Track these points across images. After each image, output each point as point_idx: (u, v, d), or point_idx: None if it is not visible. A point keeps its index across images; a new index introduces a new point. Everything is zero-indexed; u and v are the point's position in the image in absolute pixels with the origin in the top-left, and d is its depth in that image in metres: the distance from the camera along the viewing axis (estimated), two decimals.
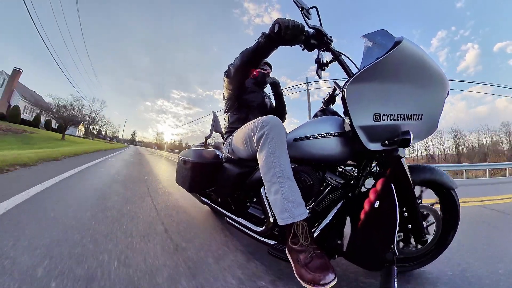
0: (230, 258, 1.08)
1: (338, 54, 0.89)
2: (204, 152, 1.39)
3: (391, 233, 0.68)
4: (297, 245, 0.80)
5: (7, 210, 1.43)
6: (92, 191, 2.18)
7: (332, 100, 1.29)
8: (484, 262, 1.17)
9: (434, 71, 0.79)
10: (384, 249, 0.68)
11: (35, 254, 0.94)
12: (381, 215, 0.72)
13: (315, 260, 0.75)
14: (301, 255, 0.78)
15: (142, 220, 1.48)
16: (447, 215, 0.93)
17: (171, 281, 0.85)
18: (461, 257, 1.21)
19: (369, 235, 0.75)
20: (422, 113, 0.80)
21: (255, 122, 1.01)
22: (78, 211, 1.53)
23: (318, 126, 0.96)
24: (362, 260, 0.78)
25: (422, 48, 0.75)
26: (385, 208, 0.72)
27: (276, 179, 0.87)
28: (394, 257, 0.65)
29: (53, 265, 0.87)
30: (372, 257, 0.73)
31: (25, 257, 0.90)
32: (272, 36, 0.88)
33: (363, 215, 0.77)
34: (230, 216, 1.20)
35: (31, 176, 2.79)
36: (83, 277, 0.81)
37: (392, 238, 0.68)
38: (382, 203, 0.73)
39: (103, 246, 1.06)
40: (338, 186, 0.94)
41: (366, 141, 0.80)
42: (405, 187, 0.80)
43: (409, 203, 0.83)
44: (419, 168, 0.91)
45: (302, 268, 0.75)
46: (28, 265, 0.86)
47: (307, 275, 0.72)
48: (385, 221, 0.71)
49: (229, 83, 1.26)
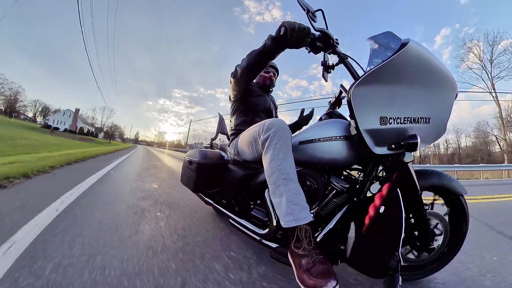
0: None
1: (344, 57, 0.88)
2: (209, 153, 1.40)
3: (396, 239, 0.66)
4: (300, 249, 0.79)
5: (114, 166, 4.65)
6: (140, 159, 8.16)
7: (338, 103, 1.28)
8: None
9: (441, 73, 0.77)
10: (389, 256, 0.65)
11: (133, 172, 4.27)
12: (386, 220, 0.70)
13: (317, 265, 0.73)
14: (303, 260, 0.76)
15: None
16: (456, 222, 0.89)
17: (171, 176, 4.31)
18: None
19: (373, 241, 0.73)
20: (429, 116, 0.78)
21: (261, 125, 1.01)
22: (137, 165, 5.70)
23: (324, 129, 0.95)
24: (366, 266, 0.75)
25: (429, 50, 0.73)
26: (390, 214, 0.69)
27: (281, 182, 0.86)
28: (398, 265, 0.63)
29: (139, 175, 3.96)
30: (376, 264, 0.71)
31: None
32: (278, 39, 0.88)
33: (367, 220, 0.75)
34: (233, 217, 1.20)
35: (114, 157, 7.38)
36: (148, 189, 2.73)
37: (397, 244, 0.66)
38: (387, 208, 0.71)
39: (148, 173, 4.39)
40: (343, 191, 0.92)
41: (372, 144, 0.79)
42: (412, 193, 0.78)
43: (416, 209, 0.80)
44: (426, 173, 0.88)
45: (304, 273, 0.73)
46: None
47: (308, 280, 0.71)
48: (390, 227, 0.69)
49: (235, 84, 1.27)
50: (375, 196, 0.79)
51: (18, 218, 1.35)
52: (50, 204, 1.67)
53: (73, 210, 1.60)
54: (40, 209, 1.53)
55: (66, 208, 1.63)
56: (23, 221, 1.30)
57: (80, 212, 1.58)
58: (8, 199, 1.70)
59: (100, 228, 1.33)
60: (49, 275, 0.84)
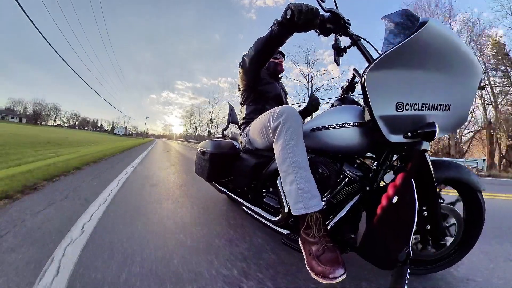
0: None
1: (357, 38, 0.82)
2: (222, 143, 1.43)
3: (408, 232, 0.64)
4: (310, 236, 0.81)
5: (150, 149, 9.92)
6: (162, 144, 19.04)
7: (351, 88, 1.21)
8: None
9: (464, 56, 0.69)
10: (399, 248, 0.64)
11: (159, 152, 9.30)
12: (399, 212, 0.68)
13: (326, 253, 0.75)
14: (313, 247, 0.78)
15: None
16: (471, 218, 0.83)
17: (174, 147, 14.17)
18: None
19: (384, 232, 0.72)
20: (450, 104, 0.72)
21: (271, 112, 1.00)
22: (161, 149, 11.07)
23: (337, 116, 0.92)
24: (375, 257, 0.75)
25: (451, 30, 0.65)
26: (403, 205, 0.67)
27: (292, 170, 0.86)
28: (408, 258, 0.62)
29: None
30: (385, 255, 0.70)
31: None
32: (285, 23, 0.84)
33: (379, 211, 0.74)
34: (246, 205, 1.24)
35: (149, 145, 15.35)
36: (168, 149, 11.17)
37: (408, 237, 0.64)
38: (400, 199, 0.69)
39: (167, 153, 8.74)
40: (356, 179, 0.91)
41: (387, 132, 0.75)
42: (427, 184, 0.74)
43: (430, 202, 0.76)
44: (444, 164, 0.82)
45: (314, 260, 0.75)
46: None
47: (317, 267, 0.73)
48: (402, 218, 0.67)
49: (244, 73, 1.25)
50: (388, 185, 0.76)
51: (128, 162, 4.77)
52: (136, 158, 5.41)
53: (144, 159, 5.43)
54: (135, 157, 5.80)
55: (142, 159, 5.39)
56: (131, 160, 4.88)
57: (147, 158, 5.67)
58: (121, 157, 5.43)
59: (156, 157, 6.30)
60: (148, 165, 4.35)
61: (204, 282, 0.85)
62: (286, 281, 0.89)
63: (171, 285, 0.82)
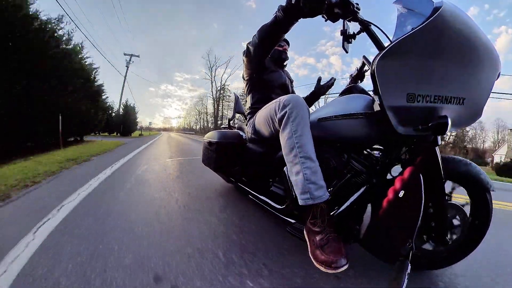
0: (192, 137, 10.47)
1: (367, 24, 0.76)
2: (228, 133, 1.44)
3: (412, 227, 0.64)
4: (315, 226, 0.82)
5: (158, 138, 15.62)
6: (166, 135, 23.50)
7: (360, 77, 1.16)
8: None
9: (483, 46, 0.63)
10: (402, 242, 0.65)
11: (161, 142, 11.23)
12: (405, 206, 0.68)
13: (330, 243, 0.77)
14: (317, 236, 0.80)
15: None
16: (477, 218, 0.79)
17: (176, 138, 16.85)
18: None
19: (388, 225, 0.72)
20: (464, 97, 0.67)
21: (277, 102, 0.99)
22: (165, 138, 15.43)
23: (345, 106, 0.90)
24: (377, 249, 0.76)
25: (468, 16, 0.59)
26: (409, 200, 0.66)
27: (298, 160, 0.86)
28: (410, 252, 0.63)
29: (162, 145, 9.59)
30: (388, 248, 0.71)
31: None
32: (290, 8, 0.79)
33: (385, 204, 0.74)
34: (253, 194, 1.27)
35: (156, 135, 22.08)
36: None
37: (412, 232, 0.64)
38: (407, 193, 0.68)
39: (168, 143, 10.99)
40: (363, 171, 0.90)
41: (396, 124, 0.72)
42: (435, 180, 0.72)
43: (437, 198, 0.74)
44: (454, 161, 0.79)
45: (317, 249, 0.78)
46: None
47: (320, 256, 0.75)
48: (407, 213, 0.67)
49: (248, 62, 1.21)
50: (396, 179, 0.75)
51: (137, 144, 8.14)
52: (146, 143, 8.78)
53: (152, 144, 8.34)
54: (146, 142, 9.54)
55: (150, 143, 8.40)
56: (141, 145, 7.61)
57: (155, 143, 8.83)
58: (137, 143, 8.59)
59: (161, 142, 10.57)
60: (150, 144, 7.93)
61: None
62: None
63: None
